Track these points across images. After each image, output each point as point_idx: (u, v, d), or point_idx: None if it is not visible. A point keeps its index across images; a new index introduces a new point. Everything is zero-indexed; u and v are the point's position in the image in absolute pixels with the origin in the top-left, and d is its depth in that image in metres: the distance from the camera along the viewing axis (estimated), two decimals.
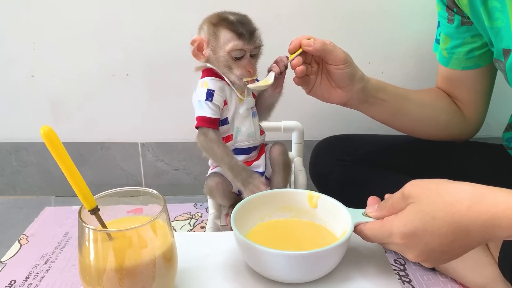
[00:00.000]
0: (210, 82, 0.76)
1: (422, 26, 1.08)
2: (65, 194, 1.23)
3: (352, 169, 0.95)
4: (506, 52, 0.74)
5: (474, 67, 0.84)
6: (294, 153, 1.03)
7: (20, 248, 0.97)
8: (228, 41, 0.72)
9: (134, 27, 1.09)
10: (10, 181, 1.23)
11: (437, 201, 0.48)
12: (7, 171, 1.23)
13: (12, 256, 0.94)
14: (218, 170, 0.83)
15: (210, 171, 0.85)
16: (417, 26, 1.09)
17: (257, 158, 0.82)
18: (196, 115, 0.77)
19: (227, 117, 0.78)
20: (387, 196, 0.56)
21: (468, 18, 0.79)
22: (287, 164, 0.84)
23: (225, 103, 0.77)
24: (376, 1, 1.07)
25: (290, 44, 0.72)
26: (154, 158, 1.21)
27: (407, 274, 0.87)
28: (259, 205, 0.64)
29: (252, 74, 0.74)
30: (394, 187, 0.53)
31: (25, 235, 1.02)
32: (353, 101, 0.78)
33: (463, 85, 0.86)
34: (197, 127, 0.77)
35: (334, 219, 0.60)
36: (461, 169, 0.87)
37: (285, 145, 0.87)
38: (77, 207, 0.48)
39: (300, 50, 0.71)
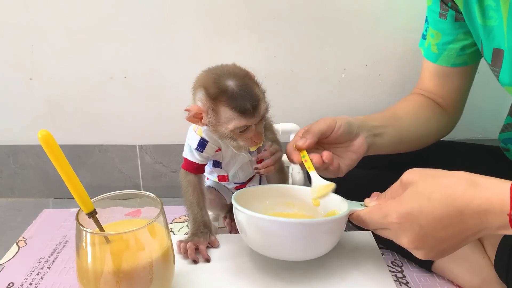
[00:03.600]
0: (205, 132, 0.69)
1: (419, 27, 1.08)
2: (63, 196, 1.23)
3: (350, 171, 0.95)
4: (496, 51, 0.74)
5: (462, 65, 0.83)
6: None
7: (18, 250, 0.97)
8: (230, 120, 0.62)
9: (132, 29, 1.09)
10: (8, 183, 1.24)
11: (433, 183, 0.50)
12: (6, 173, 1.23)
13: (10, 259, 0.94)
14: (211, 184, 0.81)
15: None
16: (414, 28, 1.09)
17: (250, 179, 0.81)
18: (183, 154, 0.72)
19: (221, 162, 0.73)
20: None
21: (461, 13, 0.78)
22: (281, 169, 0.79)
23: (219, 149, 0.71)
24: (373, 4, 1.08)
25: (291, 157, 0.66)
26: (152, 160, 1.22)
27: (404, 276, 0.87)
28: (262, 196, 0.66)
29: (259, 143, 0.65)
30: None
31: (23, 238, 1.02)
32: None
33: (450, 82, 0.86)
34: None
35: (337, 212, 0.61)
36: (459, 170, 0.87)
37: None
38: (75, 210, 0.48)
39: (305, 152, 0.66)
